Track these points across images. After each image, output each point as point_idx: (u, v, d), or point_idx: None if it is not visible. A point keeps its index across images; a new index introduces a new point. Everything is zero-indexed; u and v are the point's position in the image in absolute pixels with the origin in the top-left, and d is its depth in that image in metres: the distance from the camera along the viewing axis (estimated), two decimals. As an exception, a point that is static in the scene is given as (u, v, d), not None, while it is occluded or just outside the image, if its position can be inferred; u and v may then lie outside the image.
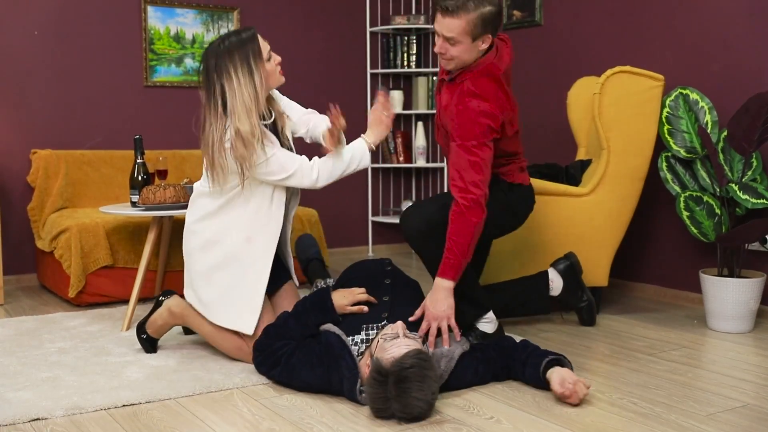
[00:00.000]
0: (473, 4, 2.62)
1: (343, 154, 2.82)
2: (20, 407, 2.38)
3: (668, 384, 2.64)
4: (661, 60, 3.93)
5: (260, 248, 2.82)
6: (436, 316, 2.61)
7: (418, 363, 2.22)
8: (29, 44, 4.33)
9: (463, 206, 2.67)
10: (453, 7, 2.62)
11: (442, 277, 2.67)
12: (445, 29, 2.66)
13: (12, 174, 4.30)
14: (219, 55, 2.73)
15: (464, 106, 2.70)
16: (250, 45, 2.74)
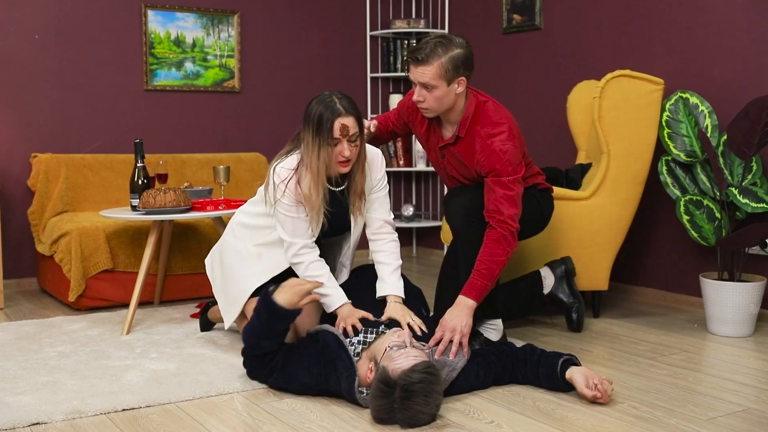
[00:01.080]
0: (442, 49, 2.75)
1: (318, 278, 2.74)
2: (20, 411, 2.38)
3: (669, 388, 2.64)
4: (661, 64, 3.93)
5: (263, 266, 2.87)
6: (453, 328, 2.63)
7: (425, 378, 2.21)
8: (30, 48, 4.34)
9: (501, 234, 2.73)
10: (423, 56, 2.75)
11: (466, 296, 2.73)
12: (419, 76, 2.79)
13: (12, 178, 4.30)
14: (310, 113, 2.68)
15: (490, 149, 2.82)
16: (327, 125, 2.62)
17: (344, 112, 2.63)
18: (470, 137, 2.89)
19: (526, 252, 3.52)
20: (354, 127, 2.65)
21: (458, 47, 2.79)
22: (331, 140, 2.63)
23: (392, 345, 2.35)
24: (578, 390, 2.49)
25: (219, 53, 4.87)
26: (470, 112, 2.89)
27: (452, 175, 3.06)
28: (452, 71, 2.78)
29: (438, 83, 2.78)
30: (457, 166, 2.98)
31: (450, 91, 2.82)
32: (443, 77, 2.77)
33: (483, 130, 2.85)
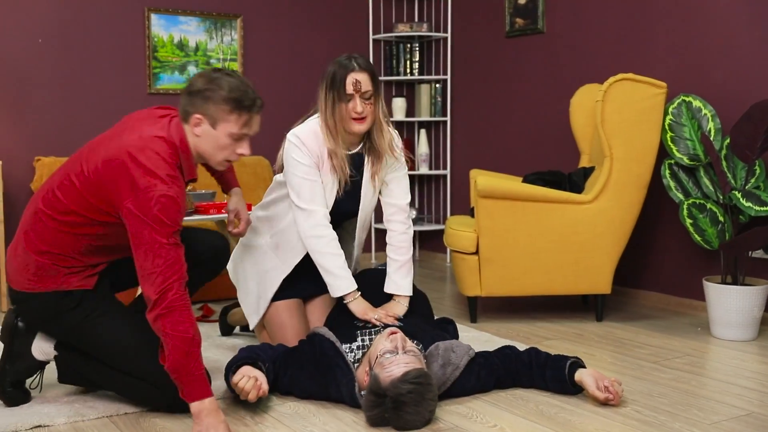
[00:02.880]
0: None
1: (335, 257, 2.72)
2: (22, 414, 2.38)
3: (672, 392, 2.63)
4: (664, 67, 3.93)
5: (281, 259, 2.86)
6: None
7: (415, 388, 2.20)
8: (33, 52, 4.35)
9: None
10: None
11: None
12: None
13: (16, 181, 4.31)
14: (325, 72, 2.70)
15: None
16: (340, 80, 2.64)
17: (357, 68, 2.64)
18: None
19: (530, 257, 3.51)
20: (367, 83, 2.63)
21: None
22: (345, 96, 2.62)
23: (384, 351, 2.34)
24: (589, 392, 2.49)
25: (222, 57, 4.87)
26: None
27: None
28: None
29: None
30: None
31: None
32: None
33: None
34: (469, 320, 3.66)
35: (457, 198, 5.36)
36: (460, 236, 3.59)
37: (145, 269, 2.19)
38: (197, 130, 2.32)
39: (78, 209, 2.30)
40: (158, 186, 2.19)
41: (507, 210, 3.48)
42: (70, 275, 2.36)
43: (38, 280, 2.35)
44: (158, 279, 2.16)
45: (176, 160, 2.29)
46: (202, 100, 2.29)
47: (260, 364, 2.45)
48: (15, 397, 2.48)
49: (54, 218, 2.33)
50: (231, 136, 2.32)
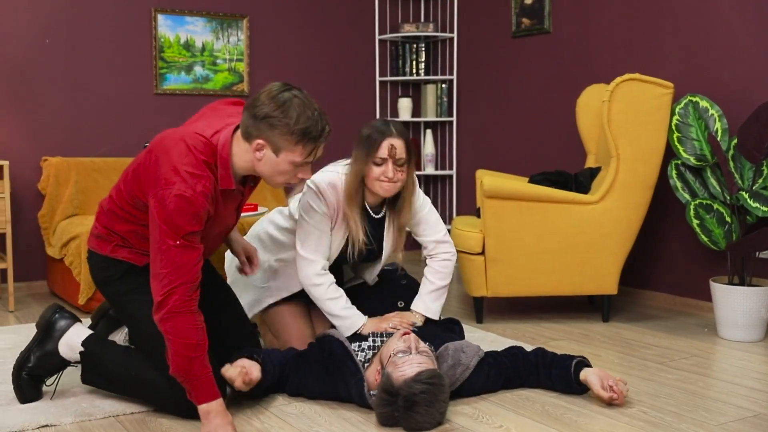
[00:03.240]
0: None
1: (336, 301, 2.71)
2: (29, 414, 2.39)
3: (679, 393, 2.62)
4: (671, 67, 3.92)
5: (281, 282, 2.90)
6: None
7: (428, 389, 2.20)
8: (41, 52, 4.36)
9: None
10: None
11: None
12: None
13: (23, 181, 4.33)
14: (361, 133, 2.65)
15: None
16: (375, 143, 2.60)
17: (395, 133, 2.60)
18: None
19: (536, 257, 3.51)
20: (402, 151, 2.59)
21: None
22: (378, 159, 2.59)
23: (397, 351, 2.34)
24: (594, 392, 2.48)
25: (228, 57, 4.88)
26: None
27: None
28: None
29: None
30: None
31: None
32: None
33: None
34: (475, 321, 3.66)
35: (463, 198, 5.36)
36: (466, 236, 3.59)
37: (155, 268, 2.20)
38: (258, 154, 2.24)
39: (130, 200, 2.36)
40: (177, 185, 2.15)
41: (513, 210, 3.48)
42: (119, 248, 2.42)
43: (96, 241, 2.47)
44: (164, 281, 2.16)
45: (210, 160, 2.24)
46: (267, 127, 2.19)
47: (255, 356, 2.46)
48: (28, 390, 2.49)
49: (115, 202, 2.41)
50: (293, 164, 2.25)
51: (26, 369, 2.49)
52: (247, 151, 2.26)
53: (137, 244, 2.42)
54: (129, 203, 2.37)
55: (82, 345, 2.48)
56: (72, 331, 2.51)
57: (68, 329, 2.51)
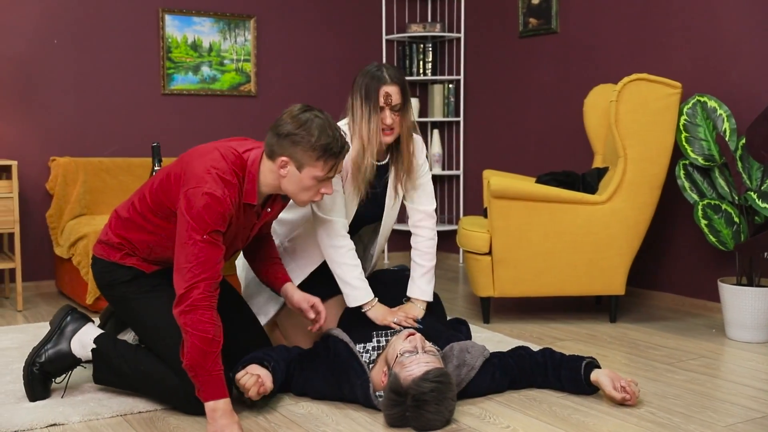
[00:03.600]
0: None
1: (353, 268, 2.73)
2: (37, 413, 2.39)
3: (687, 394, 2.62)
4: (679, 67, 3.91)
5: (297, 264, 2.88)
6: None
7: (436, 387, 2.20)
8: (49, 53, 4.37)
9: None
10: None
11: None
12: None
13: (31, 181, 4.34)
14: (356, 83, 2.71)
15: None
16: (373, 93, 2.66)
17: (389, 81, 2.67)
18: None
19: (543, 257, 3.50)
20: (398, 96, 2.67)
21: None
22: (378, 107, 2.67)
23: (403, 351, 2.34)
24: (606, 392, 2.48)
25: (235, 57, 4.89)
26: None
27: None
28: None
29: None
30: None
31: None
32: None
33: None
34: (482, 321, 3.65)
35: (470, 198, 5.36)
36: (473, 237, 3.59)
37: (178, 263, 2.25)
38: (283, 171, 2.35)
39: (155, 207, 2.42)
40: (208, 183, 2.25)
41: (520, 210, 3.47)
42: (129, 256, 2.48)
43: (105, 249, 2.52)
44: (187, 275, 2.22)
45: (240, 173, 2.34)
46: (290, 144, 2.31)
47: (266, 363, 2.45)
48: (37, 386, 2.51)
49: (137, 210, 2.47)
50: (315, 179, 2.35)
51: (37, 365, 2.51)
52: (271, 170, 2.36)
53: (149, 254, 2.48)
54: (152, 211, 2.43)
55: (94, 342, 2.51)
56: (84, 330, 2.54)
57: (81, 328, 2.55)
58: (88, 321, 2.59)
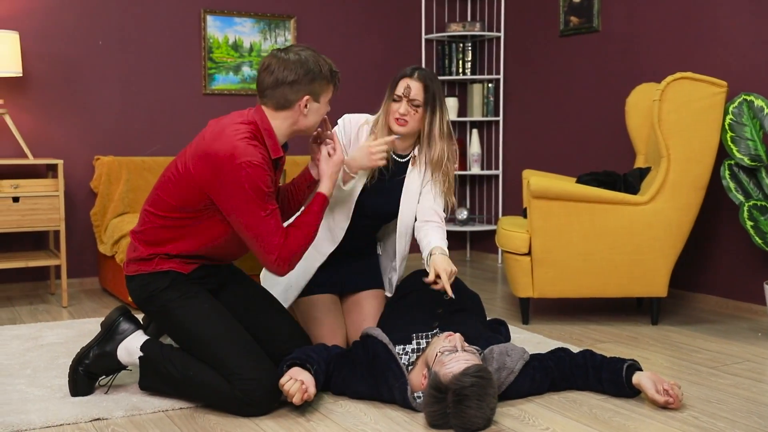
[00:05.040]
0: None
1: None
2: (82, 407, 2.44)
3: (731, 398, 2.57)
4: (724, 66, 3.83)
5: (314, 247, 2.86)
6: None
7: (477, 382, 2.18)
8: (94, 54, 4.45)
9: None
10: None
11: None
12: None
13: (76, 180, 4.42)
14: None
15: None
16: (395, 81, 2.83)
17: (415, 76, 2.78)
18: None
19: (584, 258, 3.46)
20: (418, 92, 2.76)
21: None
22: (395, 96, 2.79)
23: (443, 350, 2.33)
24: (648, 395, 2.44)
25: (276, 57, 4.92)
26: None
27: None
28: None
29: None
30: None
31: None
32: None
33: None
34: (521, 322, 3.63)
35: (509, 198, 5.32)
36: (512, 237, 3.56)
37: (251, 245, 2.45)
38: (305, 110, 2.50)
39: (177, 203, 2.47)
40: (240, 156, 2.34)
41: (560, 211, 3.44)
42: (164, 260, 2.51)
43: (136, 265, 2.53)
44: (267, 248, 2.41)
45: (256, 134, 2.45)
46: (308, 82, 2.49)
47: (309, 366, 2.45)
48: (81, 385, 2.55)
49: (156, 214, 2.52)
50: (327, 102, 2.57)
51: (83, 365, 2.55)
52: (285, 118, 2.50)
53: (181, 248, 2.50)
54: (175, 208, 2.48)
55: (141, 350, 2.52)
56: (133, 337, 2.55)
57: (130, 334, 2.56)
58: (138, 328, 2.58)
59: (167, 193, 2.50)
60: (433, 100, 2.79)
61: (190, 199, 2.45)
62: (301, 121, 2.52)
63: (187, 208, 2.47)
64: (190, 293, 2.50)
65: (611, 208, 3.44)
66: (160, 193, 2.53)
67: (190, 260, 2.53)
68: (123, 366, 2.58)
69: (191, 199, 2.45)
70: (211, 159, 2.38)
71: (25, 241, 4.33)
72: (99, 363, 2.55)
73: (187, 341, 2.49)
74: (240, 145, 2.37)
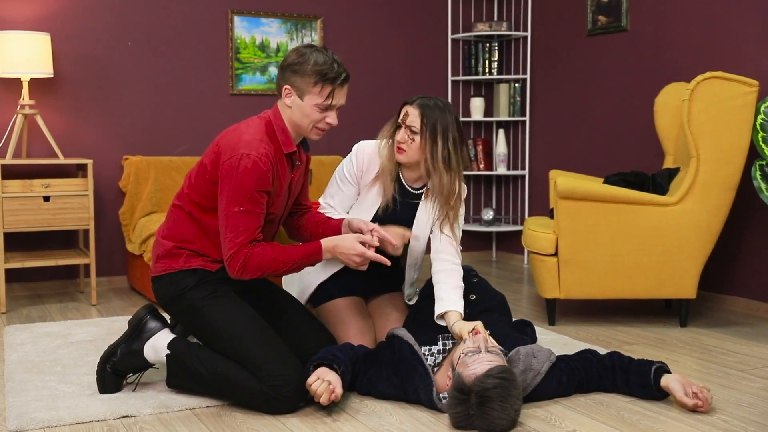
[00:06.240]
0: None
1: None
2: (111, 404, 2.47)
3: (762, 402, 2.53)
4: (756, 65, 3.78)
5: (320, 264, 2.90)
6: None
7: (500, 383, 2.17)
8: (123, 55, 4.50)
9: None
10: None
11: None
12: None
13: (105, 179, 4.48)
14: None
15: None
16: (400, 108, 2.81)
17: (414, 103, 2.75)
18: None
19: (612, 259, 3.44)
20: (415, 119, 2.72)
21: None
22: (397, 122, 2.78)
23: (466, 351, 2.33)
24: (677, 398, 2.42)
25: (302, 58, 4.94)
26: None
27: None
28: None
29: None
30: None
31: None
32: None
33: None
34: (547, 323, 3.61)
35: (536, 199, 5.30)
36: (538, 237, 3.54)
37: (221, 232, 2.45)
38: (287, 101, 2.51)
39: (197, 198, 2.53)
40: (242, 149, 2.40)
41: (588, 211, 3.41)
42: (192, 257, 2.54)
43: (163, 263, 2.56)
44: (228, 244, 2.41)
45: (270, 131, 2.50)
46: (291, 73, 2.49)
47: (335, 367, 2.45)
48: (109, 382, 2.58)
49: (180, 207, 2.58)
50: (317, 107, 2.49)
51: (111, 363, 2.58)
52: (282, 108, 2.54)
53: (205, 248, 2.53)
54: (198, 205, 2.53)
55: (168, 348, 2.53)
56: (159, 336, 2.57)
57: (157, 333, 2.57)
58: (164, 326, 2.60)
59: (191, 188, 2.56)
60: (433, 129, 2.69)
61: (206, 192, 2.51)
62: (292, 116, 2.52)
63: (204, 205, 2.52)
64: (219, 292, 2.52)
65: (639, 209, 3.41)
66: (185, 188, 2.59)
67: (215, 261, 2.56)
68: (150, 364, 2.60)
69: (207, 192, 2.51)
70: (219, 148, 2.48)
71: (55, 240, 4.39)
72: (126, 361, 2.58)
73: (215, 339, 2.49)
74: (245, 138, 2.44)
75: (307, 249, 2.52)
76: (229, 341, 2.45)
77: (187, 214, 2.55)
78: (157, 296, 2.61)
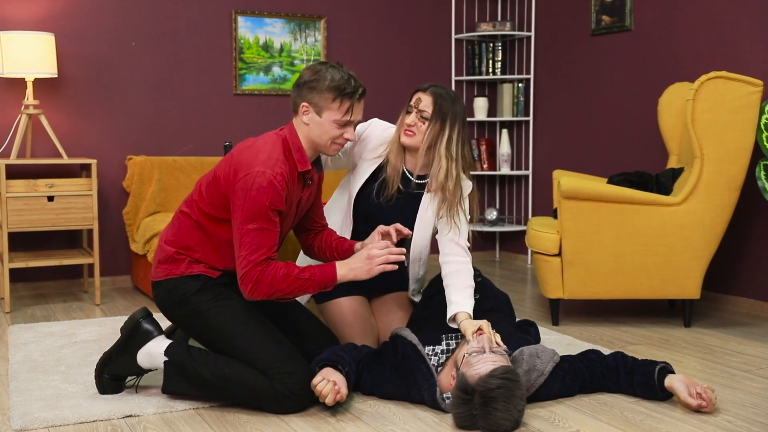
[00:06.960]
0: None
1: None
2: (114, 404, 2.47)
3: (767, 403, 2.52)
4: (760, 64, 3.77)
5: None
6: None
7: (504, 383, 2.17)
8: (127, 55, 4.51)
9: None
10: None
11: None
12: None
13: (109, 179, 4.48)
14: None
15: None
16: (412, 95, 2.82)
17: (427, 90, 2.77)
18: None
19: (616, 260, 3.43)
20: (428, 105, 2.74)
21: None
22: (408, 107, 2.79)
23: (470, 351, 2.33)
24: (680, 399, 2.42)
25: (306, 58, 4.95)
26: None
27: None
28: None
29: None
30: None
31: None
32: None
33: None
34: (550, 323, 3.60)
35: (539, 199, 5.29)
36: (542, 237, 3.54)
37: (235, 250, 2.41)
38: (305, 118, 2.50)
39: (207, 209, 2.51)
40: (257, 167, 2.37)
41: (591, 211, 3.41)
42: (194, 263, 2.53)
43: (165, 268, 2.54)
44: (242, 262, 2.37)
45: (285, 149, 2.48)
46: (308, 90, 2.48)
47: (340, 367, 2.45)
48: (108, 387, 2.58)
49: (188, 214, 2.56)
50: (336, 123, 2.48)
51: (106, 371, 2.58)
52: (298, 125, 2.52)
53: (207, 257, 2.53)
54: (207, 215, 2.52)
55: (166, 354, 2.50)
56: (152, 343, 2.54)
57: (150, 339, 2.54)
58: (159, 333, 2.56)
59: (201, 196, 2.54)
60: (443, 116, 2.72)
61: (216, 203, 2.48)
62: (310, 133, 2.50)
63: (213, 215, 2.50)
64: (222, 295, 2.51)
65: (643, 209, 3.41)
66: (194, 196, 2.57)
67: (216, 269, 2.55)
68: (145, 370, 2.58)
69: (217, 203, 2.48)
70: (235, 163, 2.44)
71: (59, 240, 4.40)
72: (122, 368, 2.57)
73: (222, 340, 2.48)
74: (261, 157, 2.41)
75: (322, 271, 2.44)
76: (237, 342, 2.45)
77: (194, 222, 2.54)
78: (158, 301, 2.59)
